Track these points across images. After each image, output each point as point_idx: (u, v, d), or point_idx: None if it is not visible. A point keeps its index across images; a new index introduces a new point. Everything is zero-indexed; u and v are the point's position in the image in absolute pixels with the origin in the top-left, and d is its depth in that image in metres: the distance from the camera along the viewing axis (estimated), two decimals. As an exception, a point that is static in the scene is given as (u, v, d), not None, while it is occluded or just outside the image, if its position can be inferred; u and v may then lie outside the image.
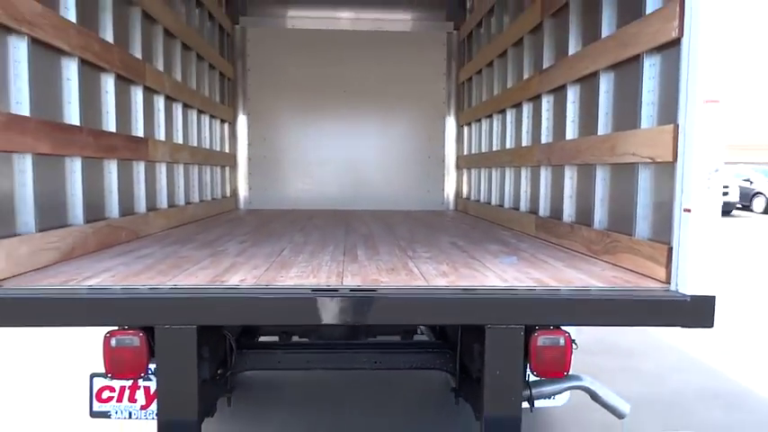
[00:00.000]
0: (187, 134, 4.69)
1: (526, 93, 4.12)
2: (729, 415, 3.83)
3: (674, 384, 4.33)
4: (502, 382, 2.11)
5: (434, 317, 2.22)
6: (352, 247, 3.10)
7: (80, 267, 2.42)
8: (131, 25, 3.54)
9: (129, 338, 2.04)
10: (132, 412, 2.25)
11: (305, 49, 6.25)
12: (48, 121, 2.53)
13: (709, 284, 2.06)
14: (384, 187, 6.34)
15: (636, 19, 2.57)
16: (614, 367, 4.57)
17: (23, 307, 1.97)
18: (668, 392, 4.16)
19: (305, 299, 2.00)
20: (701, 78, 2.02)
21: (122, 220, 3.30)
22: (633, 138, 2.58)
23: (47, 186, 2.54)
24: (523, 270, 2.53)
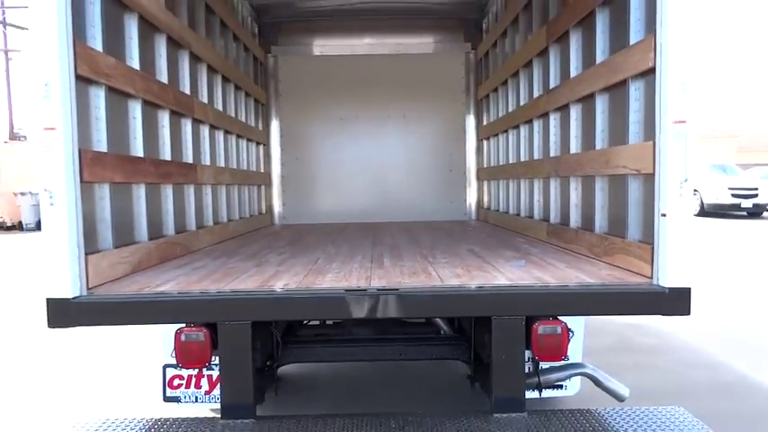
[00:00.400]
0: (228, 158, 5.16)
1: (536, 110, 4.48)
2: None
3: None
4: (507, 365, 2.47)
5: (446, 310, 2.60)
6: (379, 256, 3.49)
7: (149, 277, 2.86)
8: (181, 66, 4.03)
9: (196, 334, 2.47)
10: (198, 397, 2.68)
11: (332, 73, 6.71)
12: (120, 154, 3.01)
13: (685, 278, 2.40)
14: (409, 200, 6.73)
15: (624, 48, 2.93)
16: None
17: (112, 309, 2.41)
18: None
19: (339, 298, 2.40)
20: (671, 101, 2.38)
21: (177, 237, 3.75)
22: (623, 152, 2.93)
23: (119, 209, 3.00)
24: (529, 271, 2.89)
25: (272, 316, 2.53)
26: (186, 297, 2.46)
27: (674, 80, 2.37)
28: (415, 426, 2.33)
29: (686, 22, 2.37)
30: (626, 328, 5.84)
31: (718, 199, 18.58)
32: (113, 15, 3.02)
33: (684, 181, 2.37)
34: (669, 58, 2.39)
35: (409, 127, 6.79)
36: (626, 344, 5.45)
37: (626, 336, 5.67)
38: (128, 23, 3.19)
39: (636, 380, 4.19)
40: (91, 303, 2.40)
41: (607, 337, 5.57)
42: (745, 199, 18.41)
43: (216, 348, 2.48)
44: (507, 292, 2.46)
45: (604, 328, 5.81)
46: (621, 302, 2.48)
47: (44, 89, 2.32)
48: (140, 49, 3.28)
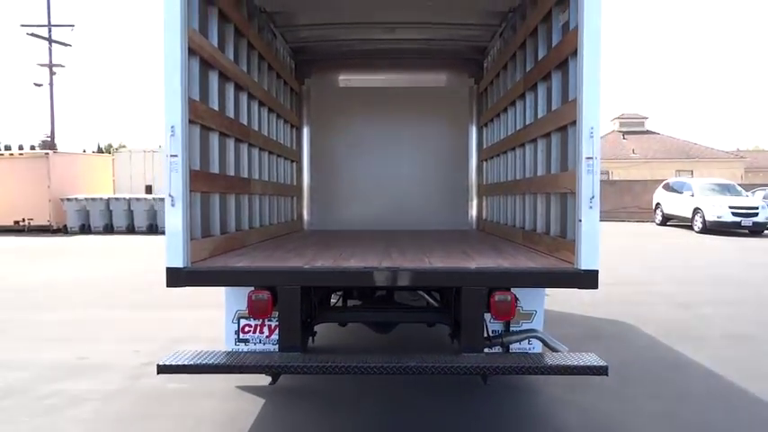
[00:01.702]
0: (270, 173, 6.39)
1: (517, 141, 5.64)
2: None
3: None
4: (471, 322, 3.63)
5: (431, 282, 3.75)
6: (389, 251, 4.66)
7: (224, 259, 4.07)
8: (241, 103, 5.27)
9: (262, 294, 3.66)
10: (261, 339, 3.88)
11: (355, 102, 7.93)
12: (206, 172, 4.24)
13: (594, 263, 3.53)
14: (419, 211, 7.86)
15: (567, 102, 4.10)
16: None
17: (208, 275, 3.64)
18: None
19: (358, 271, 3.58)
20: (584, 144, 3.54)
21: (236, 234, 4.97)
22: (563, 177, 4.09)
23: (204, 211, 4.22)
24: (496, 261, 4.06)
25: (313, 282, 3.71)
26: (255, 268, 3.67)
27: (586, 130, 3.53)
28: (408, 357, 3.48)
29: (594, 91, 3.54)
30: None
31: (720, 217, 19.45)
32: (204, 73, 4.27)
33: (592, 198, 3.53)
34: (583, 115, 3.55)
35: (420, 148, 7.97)
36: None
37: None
38: (211, 78, 4.44)
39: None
40: (194, 272, 3.62)
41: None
42: (745, 218, 19.27)
43: (275, 305, 3.67)
44: (473, 271, 3.63)
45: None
46: (551, 279, 3.64)
47: (171, 130, 3.56)
48: (218, 95, 4.53)
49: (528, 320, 4.33)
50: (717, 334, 6.55)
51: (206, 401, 4.40)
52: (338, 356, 3.55)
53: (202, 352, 3.61)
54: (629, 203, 26.21)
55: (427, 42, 7.40)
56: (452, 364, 3.47)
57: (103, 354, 5.63)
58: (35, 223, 19.15)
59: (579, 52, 3.64)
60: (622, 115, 45.15)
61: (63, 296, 8.59)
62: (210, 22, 4.42)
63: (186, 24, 3.66)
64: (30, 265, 12.08)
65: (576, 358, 3.57)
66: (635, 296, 8.66)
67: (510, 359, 3.63)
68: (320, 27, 6.86)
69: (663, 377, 5.06)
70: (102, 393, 4.58)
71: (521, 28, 5.57)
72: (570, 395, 4.59)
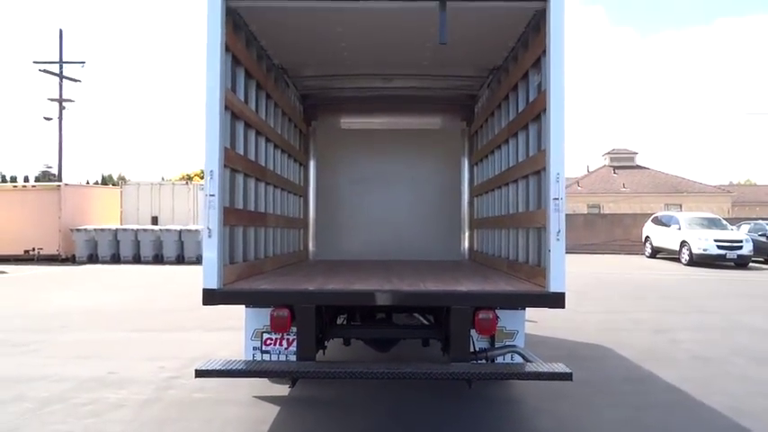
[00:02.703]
0: (282, 207, 7.11)
1: (502, 180, 6.39)
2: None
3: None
4: (459, 336, 4.30)
5: (425, 302, 4.43)
6: (389, 277, 5.35)
7: (248, 282, 4.76)
8: (260, 146, 6.01)
9: (282, 312, 4.34)
10: (280, 351, 4.54)
11: (357, 142, 8.70)
12: (233, 208, 4.96)
13: (561, 286, 4.23)
14: (416, 242, 8.55)
15: (539, 151, 4.85)
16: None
17: (238, 296, 4.32)
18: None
19: (363, 292, 4.27)
20: (552, 187, 4.27)
21: (255, 262, 5.66)
22: (537, 214, 4.82)
23: (231, 241, 4.92)
24: (481, 285, 4.75)
25: (326, 302, 4.39)
26: (276, 290, 4.36)
27: (553, 175, 4.27)
28: (405, 365, 4.15)
29: (559, 143, 4.29)
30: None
31: (705, 250, 20.19)
32: (233, 125, 5.03)
33: (558, 232, 4.24)
34: (551, 163, 4.30)
35: (417, 185, 8.71)
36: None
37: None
38: (238, 128, 5.19)
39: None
40: (226, 292, 4.31)
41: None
42: (730, 251, 20.03)
43: (294, 321, 4.34)
44: (460, 293, 4.32)
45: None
46: (526, 300, 4.34)
47: (210, 174, 4.29)
48: (244, 141, 5.28)
49: (510, 339, 5.03)
50: (684, 357, 7.21)
51: (230, 408, 5.03)
52: (346, 364, 4.22)
53: (232, 360, 4.26)
54: (620, 236, 26.96)
55: (422, 90, 8.18)
56: (443, 371, 4.13)
57: (131, 369, 6.26)
58: (44, 252, 19.78)
59: (547, 111, 4.41)
60: (613, 150, 46.37)
61: (81, 321, 9.20)
62: (239, 80, 5.20)
63: (224, 87, 4.43)
64: (44, 292, 12.69)
65: (546, 367, 4.24)
66: (617, 323, 9.32)
67: (491, 367, 4.31)
68: (325, 78, 7.67)
69: (627, 389, 5.72)
70: (137, 401, 5.21)
71: (504, 82, 6.37)
72: (547, 404, 5.24)
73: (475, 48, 6.12)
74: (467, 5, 4.69)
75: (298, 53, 6.44)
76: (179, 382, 5.77)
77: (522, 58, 5.56)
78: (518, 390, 5.61)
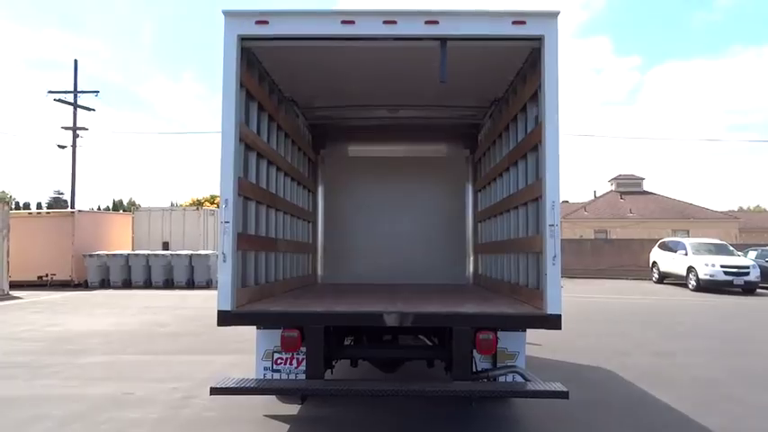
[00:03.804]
0: (293, 233, 7.38)
1: (504, 207, 6.64)
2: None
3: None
4: (461, 356, 4.50)
5: (428, 323, 4.64)
6: (394, 300, 5.57)
7: (260, 305, 5.00)
8: (271, 175, 6.31)
9: (293, 332, 4.57)
10: (290, 370, 4.76)
11: (364, 169, 9.00)
12: (246, 234, 5.22)
13: (557, 308, 4.44)
14: (421, 267, 8.76)
15: (537, 180, 5.10)
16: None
17: (250, 317, 4.56)
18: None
19: (372, 314, 4.50)
20: (547, 214, 4.52)
21: (266, 285, 5.91)
22: (534, 240, 5.05)
23: (243, 266, 5.17)
24: (482, 307, 4.97)
25: (334, 323, 4.62)
26: (286, 311, 4.60)
27: (549, 203, 4.52)
28: (412, 383, 4.35)
29: (554, 173, 4.54)
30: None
31: (712, 276, 20.24)
32: (246, 155, 5.32)
33: (554, 257, 4.47)
34: (546, 191, 4.55)
35: (422, 210, 8.97)
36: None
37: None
38: (251, 158, 5.49)
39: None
40: (239, 314, 4.55)
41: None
42: (737, 276, 20.07)
43: (303, 341, 4.57)
44: (461, 314, 4.54)
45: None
46: (524, 321, 4.55)
47: (225, 203, 4.56)
48: (256, 171, 5.57)
49: (512, 360, 5.23)
50: (685, 378, 7.34)
51: (241, 426, 5.22)
52: (354, 382, 4.42)
53: (245, 378, 4.49)
54: (627, 262, 27.00)
55: (427, 119, 8.49)
56: (445, 388, 4.34)
57: (145, 390, 6.47)
58: (57, 278, 20.12)
59: (543, 142, 4.68)
60: (619, 176, 46.55)
61: (96, 344, 9.44)
62: (252, 113, 5.51)
63: (239, 121, 4.73)
64: (59, 317, 12.95)
65: (544, 386, 4.43)
66: (621, 347, 9.45)
67: (491, 385, 4.51)
68: (334, 108, 8.00)
69: (629, 410, 5.87)
70: (152, 420, 5.42)
71: (505, 113, 6.67)
72: (550, 425, 5.40)
73: (476, 81, 6.43)
74: (468, 44, 4.98)
75: (307, 86, 6.78)
76: (192, 401, 5.98)
77: (520, 92, 5.86)
78: (520, 410, 5.77)
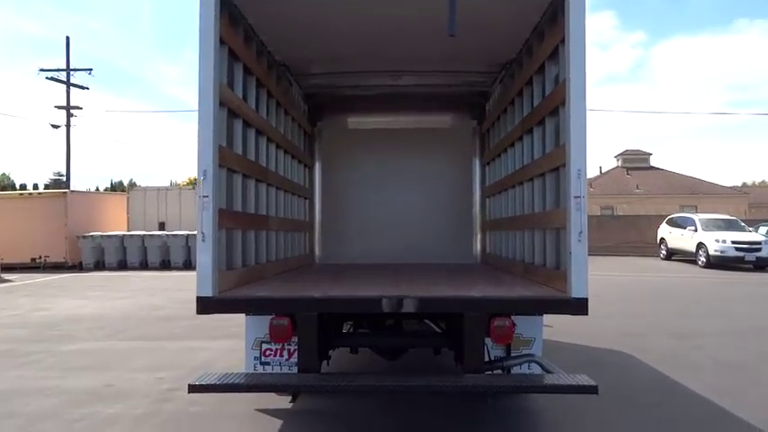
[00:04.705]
0: (286, 210, 6.81)
1: (517, 179, 6.06)
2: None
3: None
4: (473, 345, 3.97)
5: (435, 308, 4.09)
6: (397, 282, 5.04)
7: (248, 290, 4.46)
8: (260, 146, 5.73)
9: (282, 320, 4.04)
10: (281, 362, 4.24)
11: (364, 142, 8.39)
12: (231, 210, 4.67)
13: (584, 291, 3.89)
14: (426, 245, 8.19)
15: (558, 146, 4.52)
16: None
17: (233, 304, 4.02)
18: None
19: (371, 299, 3.96)
20: (572, 183, 3.95)
21: (256, 267, 5.36)
22: (556, 213, 4.49)
23: (229, 245, 4.63)
24: (496, 290, 4.43)
25: (329, 310, 4.08)
26: (276, 297, 4.06)
27: (574, 171, 3.95)
28: (417, 377, 3.84)
29: (581, 137, 3.96)
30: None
31: (723, 252, 19.70)
32: (230, 122, 4.74)
33: (580, 232, 3.91)
34: (571, 159, 3.97)
35: (426, 186, 8.39)
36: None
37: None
38: (236, 126, 4.91)
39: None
40: (222, 300, 4.01)
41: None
42: (748, 252, 19.51)
43: (295, 330, 4.04)
44: (474, 299, 4.00)
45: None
46: (545, 306, 4.01)
47: (203, 174, 4.00)
48: (242, 140, 5.00)
49: (527, 346, 4.69)
50: (710, 364, 6.83)
51: (228, 423, 4.72)
52: (351, 376, 3.90)
53: (228, 373, 3.97)
54: (634, 238, 26.46)
55: (431, 87, 7.86)
56: (456, 383, 3.81)
57: (128, 381, 5.98)
58: (51, 260, 19.61)
59: (567, 103, 4.09)
60: (626, 152, 45.77)
61: (83, 330, 8.95)
62: (237, 76, 4.92)
63: (218, 82, 4.14)
64: (49, 301, 12.47)
65: (568, 379, 3.91)
66: (636, 328, 8.94)
67: (509, 379, 3.97)
68: (331, 75, 7.37)
69: (654, 400, 5.36)
70: (131, 417, 4.92)
71: (518, 77, 6.05)
72: (569, 416, 4.90)
73: (487, 40, 5.81)
74: None
75: (300, 49, 6.15)
76: (177, 394, 5.47)
77: (537, 51, 5.24)
78: (536, 400, 5.26)
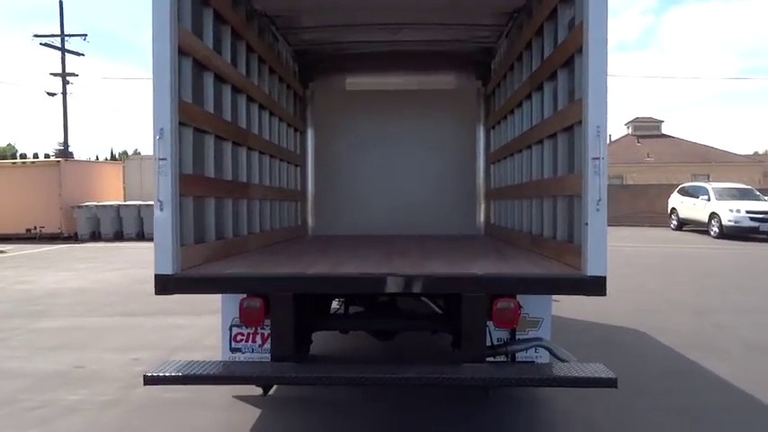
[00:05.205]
0: (272, 177, 6.26)
1: (524, 142, 5.47)
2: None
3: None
4: (472, 330, 3.45)
5: (427, 289, 3.50)
6: (390, 257, 4.50)
7: (219, 265, 3.94)
8: (240, 106, 5.15)
9: (254, 302, 3.52)
10: (254, 349, 3.74)
11: (360, 105, 7.77)
12: (200, 175, 4.12)
13: (601, 268, 3.34)
14: (426, 216, 7.63)
15: (572, 102, 3.92)
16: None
17: (198, 282, 3.51)
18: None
19: (352, 278, 3.43)
20: (590, 143, 3.37)
21: (235, 239, 4.83)
22: (570, 179, 3.91)
23: (197, 216, 4.09)
24: (499, 266, 3.88)
25: (305, 289, 3.54)
26: (246, 275, 3.53)
27: (592, 129, 3.36)
28: (406, 367, 3.32)
29: (600, 88, 3.37)
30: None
31: (737, 222, 19.06)
32: (198, 75, 4.16)
33: (599, 200, 3.35)
34: (589, 114, 3.38)
35: (427, 151, 7.79)
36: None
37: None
38: (206, 80, 4.32)
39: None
40: (184, 278, 3.49)
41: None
42: (763, 222, 18.86)
43: (268, 313, 3.52)
44: (474, 276, 3.46)
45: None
46: (556, 285, 3.46)
47: (159, 133, 3.44)
48: (214, 97, 4.42)
49: (534, 328, 4.15)
50: (734, 345, 6.32)
51: (203, 412, 4.26)
52: (333, 367, 3.40)
53: (192, 362, 3.46)
54: (644, 208, 25.81)
55: (433, 44, 7.24)
56: (452, 375, 3.30)
57: (100, 362, 5.52)
58: (47, 231, 19.19)
59: (584, 48, 3.48)
60: (636, 119, 44.68)
61: (65, 304, 8.51)
62: (206, 23, 4.31)
63: (176, 24, 3.55)
64: (36, 273, 12.06)
65: (583, 369, 3.39)
66: (650, 304, 8.42)
67: (513, 370, 3.43)
68: (323, 29, 6.74)
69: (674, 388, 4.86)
70: (95, 404, 4.46)
71: (527, 27, 5.40)
72: (579, 405, 4.40)
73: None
74: None
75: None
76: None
77: (548, -7, 4.60)
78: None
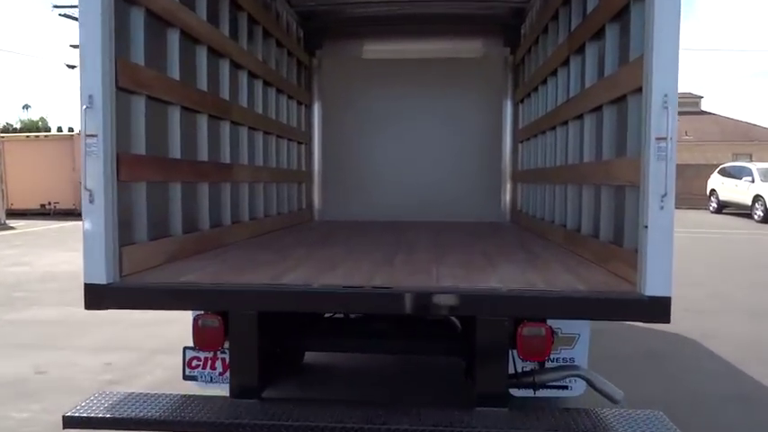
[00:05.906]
0: (267, 157, 5.48)
1: (558, 118, 4.58)
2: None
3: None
4: (490, 362, 2.64)
5: (429, 311, 2.71)
6: (393, 257, 3.68)
7: (179, 268, 3.18)
8: (222, 73, 4.35)
9: (211, 320, 2.77)
10: (213, 377, 2.99)
11: (374, 76, 6.92)
12: (157, 156, 3.35)
13: (665, 288, 2.50)
14: (446, 200, 6.81)
15: (627, 64, 3.03)
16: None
17: (136, 295, 2.75)
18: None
19: (336, 294, 2.63)
20: (652, 117, 2.49)
21: (212, 231, 4.08)
22: (621, 164, 3.04)
23: (155, 206, 3.33)
24: (526, 274, 3.04)
25: (271, 306, 2.76)
26: (198, 287, 2.75)
27: (657, 98, 2.48)
28: (401, 414, 2.54)
29: (671, 43, 2.47)
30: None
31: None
32: (156, 32, 3.36)
33: (664, 195, 2.48)
34: (653, 78, 2.50)
35: (448, 128, 6.92)
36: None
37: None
38: (170, 38, 3.52)
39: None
40: (121, 289, 2.74)
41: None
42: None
43: (228, 335, 2.76)
44: (492, 293, 2.63)
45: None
46: (603, 310, 2.61)
47: (88, 101, 2.66)
48: (181, 61, 3.62)
49: (568, 347, 3.32)
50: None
51: None
52: (305, 409, 2.62)
53: (132, 394, 2.73)
54: (681, 189, 24.22)
55: (455, 5, 6.34)
56: (460, 427, 2.49)
57: (68, 367, 4.87)
58: (61, 207, 18.79)
59: (650, -12, 2.57)
60: (674, 95, 42.66)
61: (54, 290, 7.91)
62: None
63: None
64: (35, 253, 11.55)
65: (633, 418, 2.56)
66: (696, 302, 7.48)
67: (542, 423, 2.59)
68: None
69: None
70: (46, 424, 3.78)
71: (566, -24, 4.47)
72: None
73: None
74: None
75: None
76: (120, 388, 4.32)
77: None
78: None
